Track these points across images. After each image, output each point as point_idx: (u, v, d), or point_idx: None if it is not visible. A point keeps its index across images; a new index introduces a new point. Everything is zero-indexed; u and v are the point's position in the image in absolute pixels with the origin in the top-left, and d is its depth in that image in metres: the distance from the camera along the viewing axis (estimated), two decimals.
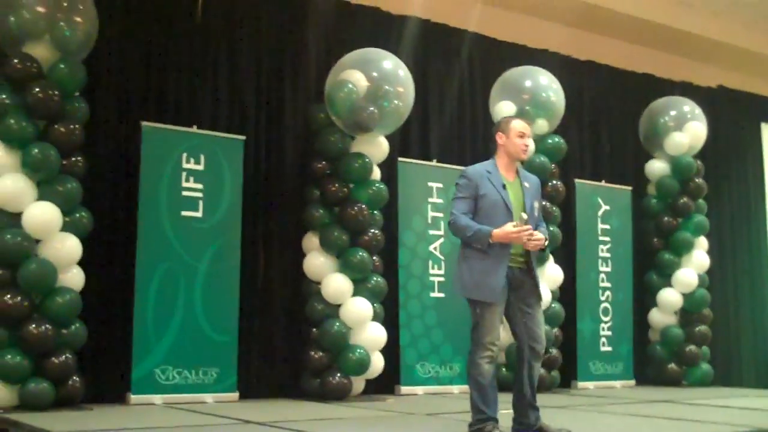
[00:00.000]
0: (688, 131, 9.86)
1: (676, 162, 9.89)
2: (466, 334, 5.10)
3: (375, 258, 7.71)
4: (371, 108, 7.52)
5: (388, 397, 7.64)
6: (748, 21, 10.92)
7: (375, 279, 7.64)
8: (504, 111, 8.41)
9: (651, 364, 9.86)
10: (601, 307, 9.48)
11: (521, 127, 5.16)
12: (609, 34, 10.44)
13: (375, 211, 7.78)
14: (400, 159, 8.37)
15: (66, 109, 6.42)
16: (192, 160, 7.14)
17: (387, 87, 7.60)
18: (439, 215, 8.32)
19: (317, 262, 7.57)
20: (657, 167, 10.03)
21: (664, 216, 9.92)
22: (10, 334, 6.02)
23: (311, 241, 7.65)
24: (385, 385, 7.91)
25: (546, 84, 8.83)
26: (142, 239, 6.83)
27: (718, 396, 8.34)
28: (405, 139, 8.68)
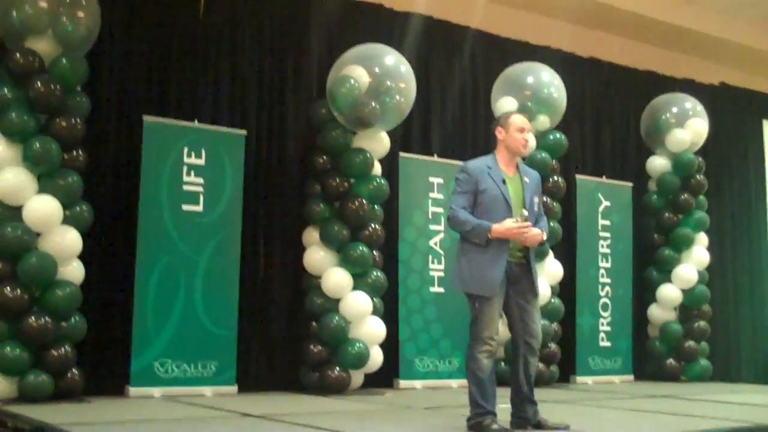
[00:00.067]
0: (689, 128, 9.87)
1: (677, 158, 9.90)
2: (465, 328, 5.11)
3: (375, 253, 7.73)
4: (373, 103, 7.53)
5: (386, 391, 7.66)
6: (750, 19, 10.91)
7: (375, 273, 7.66)
8: (506, 107, 8.42)
9: (650, 359, 9.87)
10: (601, 303, 9.49)
11: (521, 122, 5.17)
12: (611, 30, 10.43)
13: (375, 206, 7.79)
14: (401, 154, 8.38)
15: (67, 104, 6.43)
16: (193, 154, 7.16)
17: (389, 83, 7.62)
18: (440, 210, 8.32)
19: (317, 256, 7.59)
20: (658, 164, 10.04)
21: (664, 212, 9.94)
22: (10, 326, 6.05)
23: (311, 236, 7.67)
24: (384, 379, 7.93)
25: (548, 80, 8.84)
26: (142, 233, 6.84)
27: (716, 391, 8.35)
28: (406, 135, 8.68)
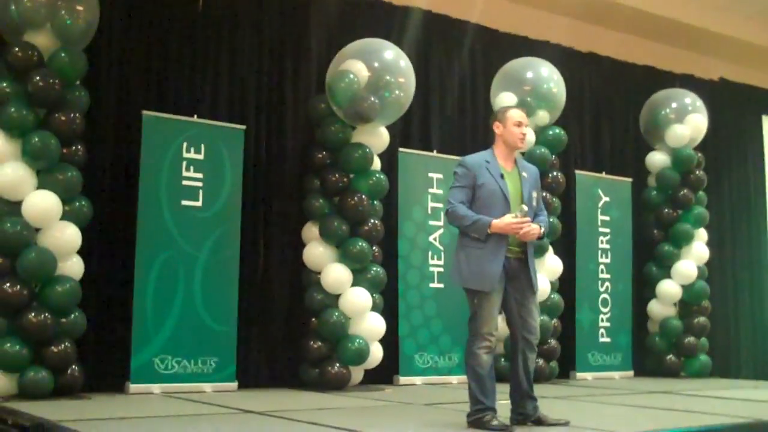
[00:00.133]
0: (688, 123, 9.86)
1: (676, 154, 9.89)
2: (465, 324, 5.09)
3: (375, 248, 7.71)
4: (372, 98, 7.52)
5: (386, 387, 7.65)
6: (749, 14, 10.90)
7: (374, 269, 7.64)
8: (505, 102, 8.39)
9: (650, 355, 9.87)
10: (601, 299, 9.48)
11: (518, 116, 5.17)
12: (610, 26, 10.42)
13: (375, 202, 7.78)
14: (400, 149, 8.36)
15: (66, 98, 6.41)
16: (192, 149, 7.13)
17: (388, 77, 7.60)
18: (439, 206, 8.30)
19: (317, 251, 7.58)
20: (657, 159, 10.03)
21: (664, 208, 9.93)
22: (9, 322, 6.04)
23: (311, 231, 7.65)
24: (384, 375, 7.91)
25: (547, 75, 8.83)
26: (141, 228, 6.82)
27: (716, 387, 8.36)
28: (406, 130, 8.67)
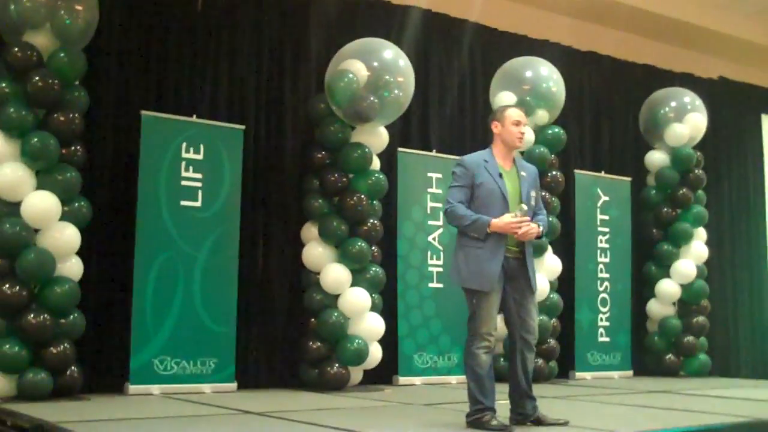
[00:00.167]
0: (688, 122, 9.86)
1: (676, 153, 9.88)
2: (464, 324, 5.10)
3: (374, 248, 7.71)
4: (371, 98, 7.51)
5: (386, 388, 7.64)
6: (749, 12, 10.90)
7: (374, 269, 7.64)
8: (504, 101, 8.38)
9: (649, 354, 9.87)
10: (600, 298, 9.48)
11: (516, 116, 5.17)
12: (610, 24, 10.42)
13: (374, 201, 7.77)
14: (399, 149, 8.35)
15: (66, 98, 6.40)
16: (191, 149, 7.13)
17: (387, 77, 7.59)
18: (439, 206, 8.28)
19: (316, 252, 7.57)
20: (657, 158, 10.03)
21: (663, 207, 9.92)
22: (8, 323, 6.04)
23: (310, 231, 7.64)
24: (383, 376, 7.91)
25: (546, 75, 8.82)
26: (141, 229, 6.81)
27: (715, 386, 8.36)
28: (405, 130, 8.66)
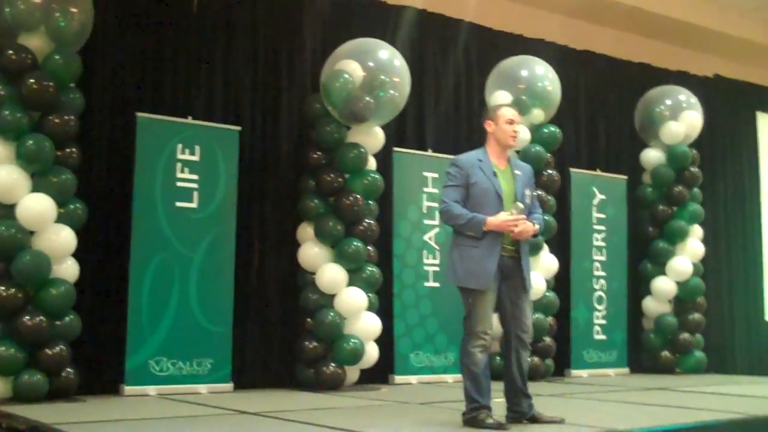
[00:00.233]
0: (683, 120, 9.87)
1: (671, 151, 9.90)
2: (460, 323, 5.09)
3: (370, 248, 7.71)
4: (367, 98, 7.51)
5: (382, 387, 7.66)
6: (744, 10, 10.91)
7: (369, 269, 7.65)
8: (500, 101, 8.38)
9: (645, 352, 9.89)
10: (596, 296, 9.50)
11: (510, 114, 5.18)
12: (605, 23, 10.43)
13: (370, 201, 7.78)
14: (395, 149, 8.36)
15: (61, 100, 6.39)
16: (187, 150, 7.13)
17: (383, 77, 7.60)
18: (434, 205, 8.28)
19: (312, 252, 7.58)
20: (652, 156, 10.04)
21: (659, 205, 9.94)
22: (4, 326, 6.02)
23: (306, 232, 7.65)
24: (380, 375, 7.92)
25: (542, 74, 8.83)
26: (136, 230, 6.82)
27: (711, 383, 8.37)
28: (400, 129, 8.66)
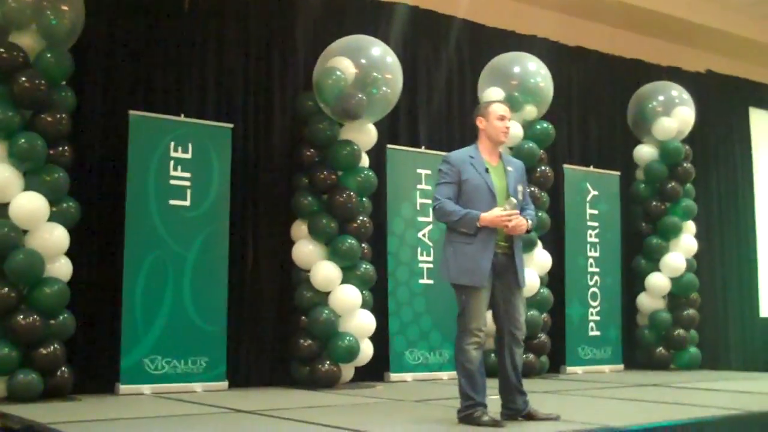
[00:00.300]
0: (676, 116, 9.88)
1: (664, 147, 9.91)
2: (454, 320, 5.07)
3: (364, 245, 7.70)
4: (359, 95, 7.51)
5: (377, 384, 7.65)
6: (736, 6, 10.92)
7: (364, 266, 7.64)
8: (492, 97, 8.37)
9: (639, 348, 9.91)
10: (590, 292, 9.50)
11: (501, 110, 5.17)
12: (597, 19, 10.44)
13: (363, 199, 7.77)
14: (388, 146, 8.35)
15: (53, 99, 6.39)
16: (180, 148, 7.11)
17: (375, 74, 7.59)
18: (428, 202, 8.26)
19: (306, 249, 7.57)
20: (645, 152, 10.05)
21: (652, 201, 9.95)
22: None
23: (300, 229, 7.64)
24: (375, 373, 7.91)
25: (534, 70, 8.83)
26: (130, 228, 6.80)
27: (705, 379, 8.38)
28: (393, 126, 8.65)
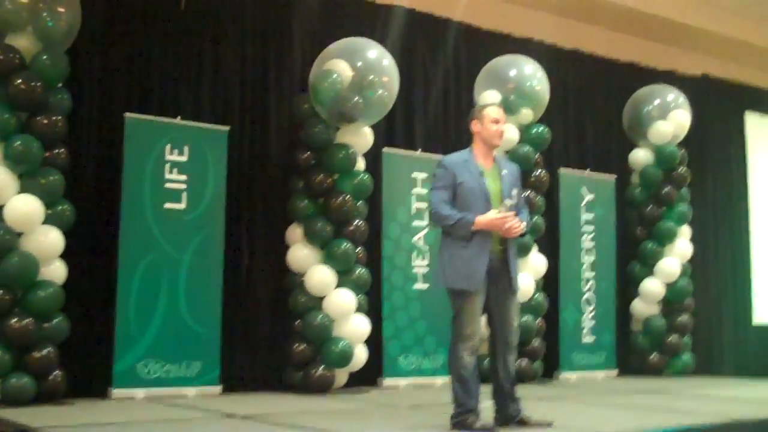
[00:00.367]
0: (671, 120, 9.88)
1: (659, 151, 9.91)
2: (449, 325, 5.09)
3: (359, 249, 7.69)
4: (356, 98, 7.48)
5: (371, 390, 7.65)
6: (733, 9, 10.92)
7: (359, 270, 7.63)
8: (488, 100, 8.37)
9: (633, 353, 9.90)
10: (584, 297, 9.50)
11: (495, 113, 5.21)
12: (594, 22, 10.43)
13: (359, 202, 7.76)
14: (384, 149, 8.33)
15: (48, 101, 6.36)
16: (175, 151, 7.10)
17: (372, 77, 7.56)
18: (424, 206, 8.26)
19: (301, 253, 7.55)
20: (641, 156, 10.05)
21: (647, 205, 9.95)
22: None
23: (295, 233, 7.62)
24: (369, 377, 7.89)
25: (530, 73, 8.81)
26: (124, 231, 6.78)
27: (699, 386, 8.41)
28: (390, 129, 8.63)
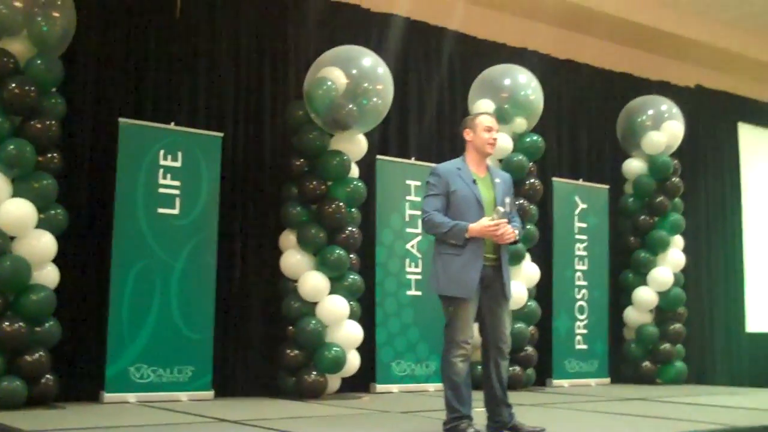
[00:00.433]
0: (665, 130, 9.91)
1: (653, 161, 9.94)
2: (442, 332, 5.07)
3: (352, 256, 7.70)
4: (350, 105, 7.50)
5: (363, 395, 7.65)
6: (726, 20, 10.99)
7: (352, 277, 7.63)
8: (483, 109, 8.37)
9: (626, 362, 9.92)
10: (577, 305, 9.52)
11: (488, 122, 5.22)
12: (588, 32, 10.48)
13: (353, 209, 7.76)
14: (378, 157, 8.36)
15: (42, 105, 6.37)
16: (169, 157, 7.10)
17: (366, 84, 7.59)
18: (417, 213, 8.25)
19: (294, 259, 7.55)
20: (634, 166, 10.08)
21: (640, 215, 9.97)
22: None
23: (288, 239, 7.63)
24: (361, 383, 7.91)
25: (525, 82, 8.84)
26: (118, 236, 6.78)
27: (691, 394, 8.40)
28: (384, 137, 8.67)
